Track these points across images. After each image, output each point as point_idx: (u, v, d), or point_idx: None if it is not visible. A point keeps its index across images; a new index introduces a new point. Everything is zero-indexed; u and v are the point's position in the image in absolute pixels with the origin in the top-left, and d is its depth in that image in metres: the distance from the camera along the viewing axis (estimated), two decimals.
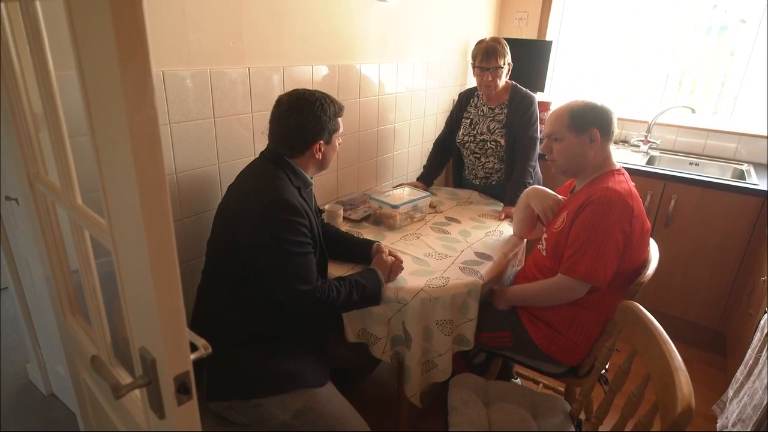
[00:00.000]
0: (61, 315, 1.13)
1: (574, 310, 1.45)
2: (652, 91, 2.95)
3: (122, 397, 0.65)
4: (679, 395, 0.89)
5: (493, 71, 2.01)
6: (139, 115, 0.52)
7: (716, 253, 2.28)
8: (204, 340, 0.74)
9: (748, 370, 1.43)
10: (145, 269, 0.59)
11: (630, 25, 2.89)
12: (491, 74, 2.02)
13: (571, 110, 1.44)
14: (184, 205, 1.52)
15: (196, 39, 1.41)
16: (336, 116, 1.35)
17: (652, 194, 2.35)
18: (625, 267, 1.39)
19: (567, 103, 1.48)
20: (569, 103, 1.47)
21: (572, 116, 1.43)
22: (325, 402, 1.30)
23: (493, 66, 2.00)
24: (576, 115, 1.43)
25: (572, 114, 1.44)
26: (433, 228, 1.86)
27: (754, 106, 2.64)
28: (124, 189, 0.57)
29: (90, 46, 0.55)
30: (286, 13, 1.65)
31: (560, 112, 1.46)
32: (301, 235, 1.26)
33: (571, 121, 1.43)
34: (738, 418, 1.36)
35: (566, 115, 1.44)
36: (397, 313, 1.43)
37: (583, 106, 1.44)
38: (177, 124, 1.42)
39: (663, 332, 1.07)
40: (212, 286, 1.35)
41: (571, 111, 1.44)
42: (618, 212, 1.33)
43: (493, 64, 2.00)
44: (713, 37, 2.74)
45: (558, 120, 1.46)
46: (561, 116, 1.45)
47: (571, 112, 1.44)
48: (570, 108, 1.45)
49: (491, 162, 2.21)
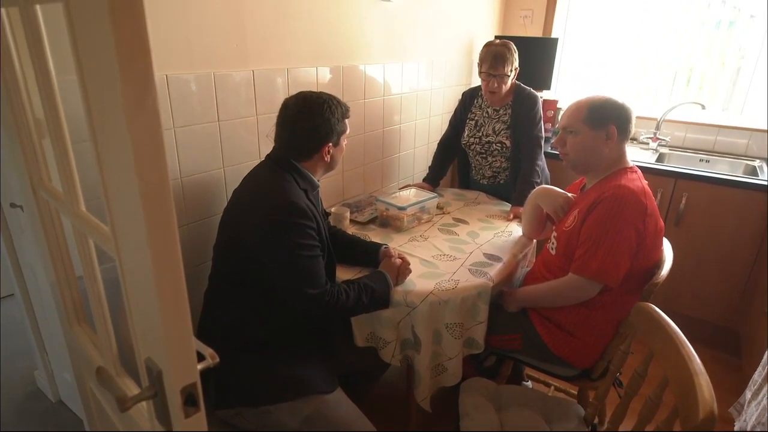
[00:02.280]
0: (66, 323, 1.12)
1: (585, 311, 1.42)
2: (660, 87, 2.91)
3: (127, 410, 0.64)
4: (701, 400, 0.86)
5: (499, 78, 1.99)
6: (140, 121, 0.51)
7: (728, 251, 2.24)
8: (211, 350, 0.72)
9: (766, 372, 1.40)
10: (149, 278, 0.57)
11: (636, 22, 2.85)
12: (497, 81, 1.99)
13: (591, 104, 1.41)
14: (189, 210, 1.51)
15: (199, 42, 1.39)
16: (344, 118, 1.34)
17: (663, 192, 2.32)
18: (639, 266, 1.36)
19: (587, 96, 1.44)
20: (589, 97, 1.43)
21: (591, 110, 1.40)
22: (335, 408, 1.28)
23: (500, 74, 1.97)
24: (595, 110, 1.40)
25: (591, 108, 1.40)
26: (441, 229, 1.83)
27: (764, 102, 2.60)
28: (127, 196, 0.55)
29: (90, 51, 0.54)
30: (289, 14, 1.64)
31: (579, 104, 1.43)
32: (309, 238, 1.25)
33: (589, 114, 1.40)
34: (758, 420, 1.32)
35: (585, 109, 1.41)
36: (406, 316, 1.41)
37: (603, 101, 1.41)
38: (181, 128, 1.41)
39: (681, 334, 1.04)
40: (219, 291, 1.33)
41: (590, 105, 1.41)
42: (631, 210, 1.30)
43: (500, 72, 1.97)
44: (722, 33, 2.70)
45: (576, 113, 1.42)
46: (579, 109, 1.42)
47: (591, 105, 1.40)
48: (589, 102, 1.41)
49: (498, 161, 2.18)
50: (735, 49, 2.68)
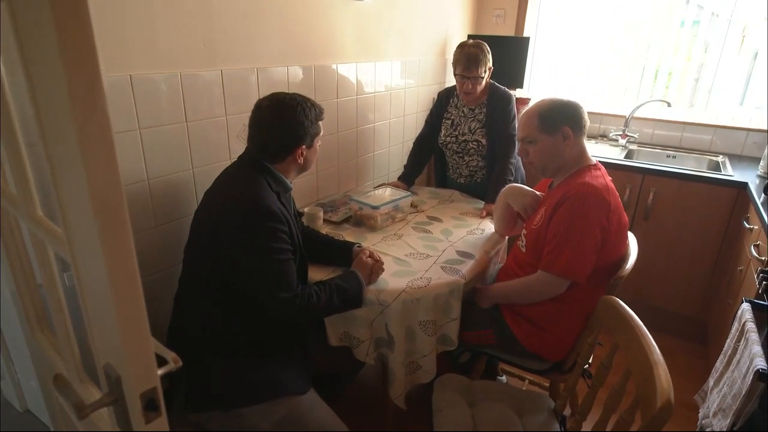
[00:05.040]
0: (28, 331, 1.09)
1: (556, 305, 1.45)
2: (629, 85, 2.99)
3: (86, 417, 0.62)
4: (659, 389, 0.89)
5: (473, 80, 2.01)
6: (90, 124, 0.50)
7: (695, 244, 2.31)
8: (174, 354, 0.71)
9: (727, 359, 1.45)
10: (104, 283, 0.56)
11: (606, 21, 2.92)
12: (472, 83, 2.01)
13: (540, 111, 1.44)
14: (158, 212, 1.48)
15: (165, 42, 1.37)
16: (317, 120, 1.34)
17: (631, 187, 2.38)
18: (604, 261, 1.39)
19: (534, 104, 1.47)
20: (536, 104, 1.46)
21: (541, 117, 1.43)
22: (308, 410, 1.28)
23: (474, 76, 1.99)
24: (545, 116, 1.43)
25: (541, 115, 1.43)
26: (415, 228, 1.85)
27: (727, 99, 2.69)
28: (79, 199, 0.54)
29: (36, 53, 0.53)
30: (258, 13, 1.62)
31: (529, 114, 1.46)
32: (281, 242, 1.24)
33: (541, 122, 1.43)
34: (719, 407, 1.37)
35: (535, 117, 1.44)
36: (380, 315, 1.41)
37: (550, 105, 1.44)
38: (147, 129, 1.39)
39: (642, 326, 1.07)
40: (190, 294, 1.32)
41: (539, 112, 1.44)
42: (595, 207, 1.33)
43: (474, 74, 1.99)
44: (686, 31, 2.78)
45: (528, 123, 1.45)
46: (531, 118, 1.45)
47: (540, 113, 1.43)
48: (538, 109, 1.44)
49: (475, 160, 2.20)
50: (699, 47, 2.77)
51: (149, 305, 0.62)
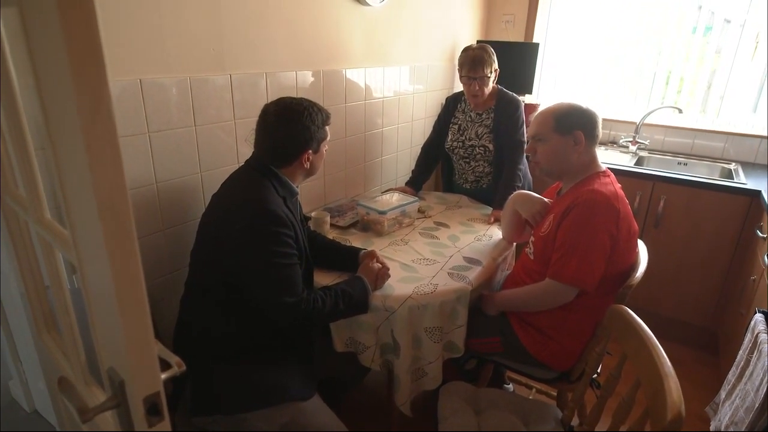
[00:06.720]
0: (36, 333, 1.10)
1: (563, 314, 1.44)
2: (640, 91, 2.96)
3: (89, 420, 0.62)
4: (669, 402, 0.88)
5: (480, 80, 2.01)
6: (96, 128, 0.50)
7: (706, 253, 2.28)
8: (178, 358, 0.71)
9: (739, 371, 1.42)
10: (109, 287, 0.56)
11: (616, 27, 2.90)
12: (478, 83, 2.01)
13: (556, 112, 1.44)
14: (165, 216, 1.49)
15: (175, 47, 1.38)
16: (324, 125, 1.34)
17: (642, 195, 2.35)
18: (613, 270, 1.37)
19: (552, 105, 1.47)
20: (554, 105, 1.46)
21: (557, 118, 1.43)
22: (312, 415, 1.27)
23: (480, 76, 2.00)
24: (561, 117, 1.43)
25: (557, 115, 1.43)
26: (422, 233, 1.84)
27: (740, 105, 2.66)
28: (85, 203, 0.55)
29: (44, 58, 0.53)
30: (267, 19, 1.63)
31: (545, 113, 1.46)
32: (286, 246, 1.24)
33: (556, 122, 1.43)
34: (731, 420, 1.34)
35: (551, 117, 1.44)
36: (386, 321, 1.41)
37: (568, 107, 1.44)
38: (156, 132, 1.40)
39: (652, 336, 1.05)
40: (196, 298, 1.32)
41: (556, 112, 1.44)
42: (603, 215, 1.32)
43: (480, 74, 1.99)
44: (698, 37, 2.75)
45: (543, 121, 1.45)
46: (546, 117, 1.45)
47: (556, 113, 1.43)
48: (555, 109, 1.45)
49: (481, 166, 2.19)
50: (711, 53, 2.74)
51: (156, 308, 0.62)
